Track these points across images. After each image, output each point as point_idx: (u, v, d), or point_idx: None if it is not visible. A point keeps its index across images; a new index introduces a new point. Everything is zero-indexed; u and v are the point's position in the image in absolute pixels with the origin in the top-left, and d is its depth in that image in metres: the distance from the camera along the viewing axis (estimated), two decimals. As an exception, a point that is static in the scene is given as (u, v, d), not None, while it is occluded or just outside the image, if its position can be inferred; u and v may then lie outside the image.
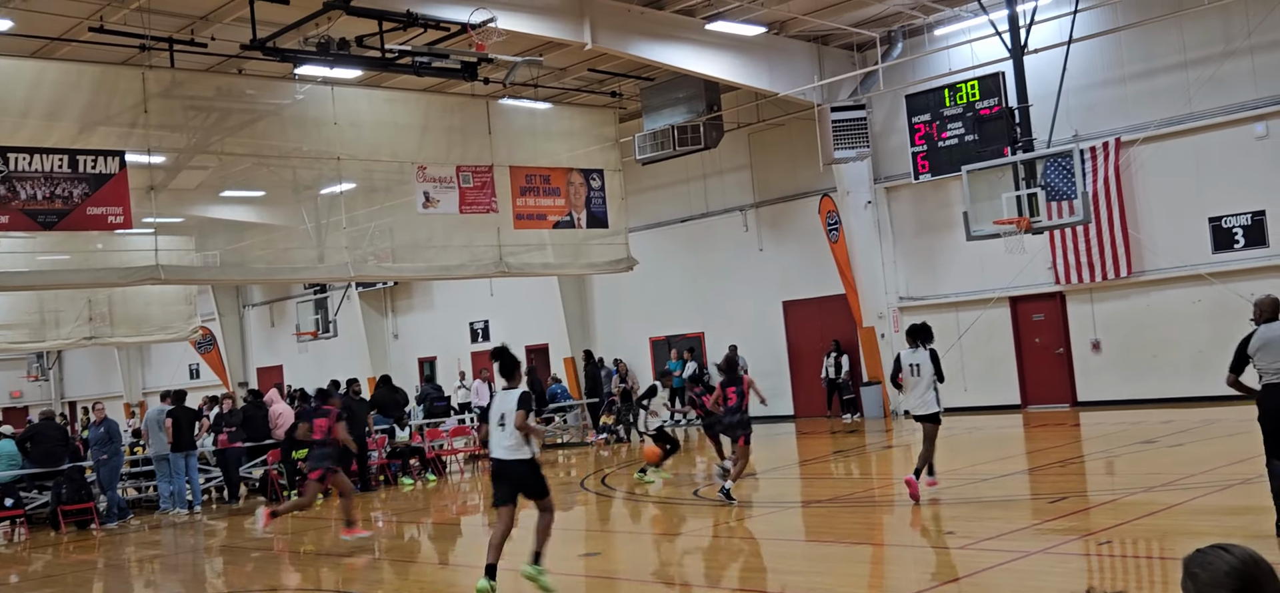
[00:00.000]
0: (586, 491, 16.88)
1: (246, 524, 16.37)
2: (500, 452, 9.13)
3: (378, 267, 20.71)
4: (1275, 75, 18.53)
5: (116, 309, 28.20)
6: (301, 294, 35.26)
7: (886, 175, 23.23)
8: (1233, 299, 18.90)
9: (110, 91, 16.90)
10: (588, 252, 22.74)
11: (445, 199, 20.19)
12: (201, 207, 19.72)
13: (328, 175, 19.24)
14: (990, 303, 21.57)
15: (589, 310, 29.26)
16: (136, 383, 42.41)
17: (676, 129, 22.81)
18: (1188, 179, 19.55)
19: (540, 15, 17.85)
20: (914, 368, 12.41)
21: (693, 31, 20.13)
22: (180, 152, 18.09)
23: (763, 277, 25.45)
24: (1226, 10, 18.53)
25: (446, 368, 32.07)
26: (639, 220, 25.98)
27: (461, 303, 31.50)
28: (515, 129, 21.71)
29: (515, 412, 8.94)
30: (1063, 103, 18.22)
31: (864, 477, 16.39)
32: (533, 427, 9.15)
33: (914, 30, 22.09)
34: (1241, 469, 12.26)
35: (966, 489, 13.67)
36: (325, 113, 19.01)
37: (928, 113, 21.57)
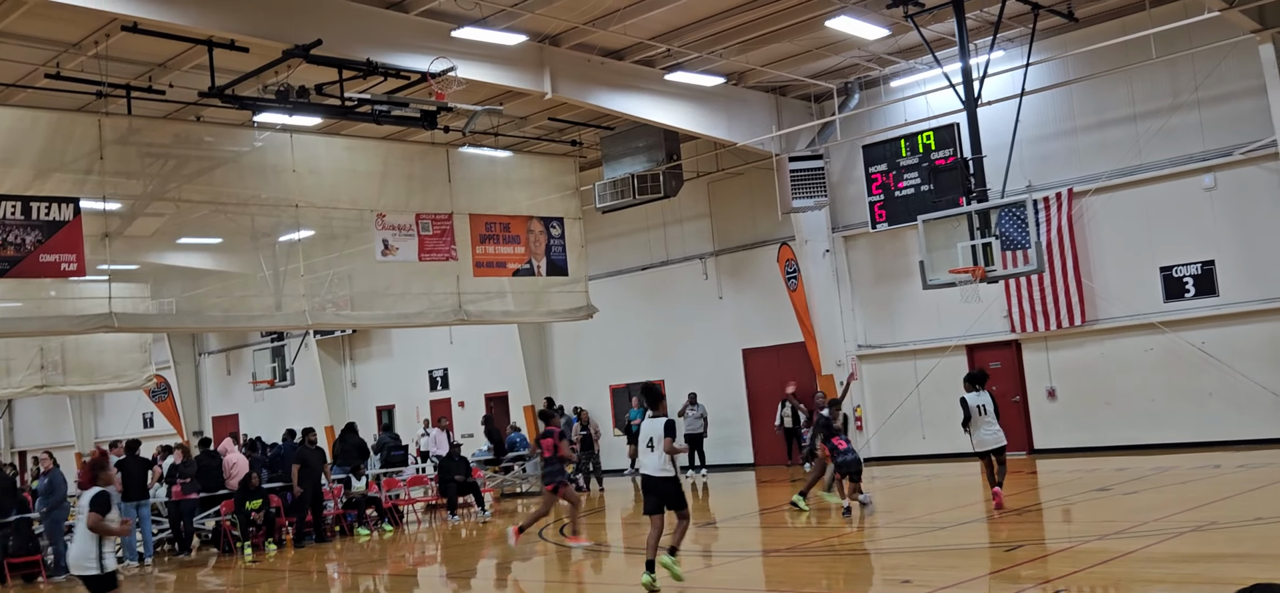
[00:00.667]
0: (545, 540, 16.76)
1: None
2: (649, 470, 10.78)
3: (336, 314, 20.58)
4: (1222, 128, 18.94)
5: (69, 357, 27.80)
6: (258, 342, 34.93)
7: (844, 224, 23.45)
8: (1185, 348, 19.21)
9: (66, 138, 16.74)
10: (548, 299, 22.73)
11: (404, 247, 20.14)
12: (157, 254, 19.54)
13: (286, 222, 19.14)
14: (947, 351, 21.75)
15: (549, 358, 29.20)
16: (89, 432, 41.71)
17: (636, 178, 22.92)
18: (1139, 229, 19.89)
19: (500, 65, 17.92)
20: (981, 409, 14.48)
21: (652, 81, 20.30)
22: (136, 198, 17.94)
23: (722, 324, 25.54)
24: (1174, 65, 18.95)
25: (405, 416, 31.85)
26: (599, 268, 26.02)
27: (420, 351, 31.34)
28: (475, 177, 21.73)
29: (663, 438, 10.56)
30: (1016, 154, 18.50)
31: (823, 525, 16.39)
32: (676, 449, 10.73)
33: (870, 82, 22.40)
34: (1194, 517, 12.41)
35: (924, 537, 13.72)
36: (284, 160, 18.94)
37: (884, 163, 21.82)
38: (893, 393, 22.69)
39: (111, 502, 8.91)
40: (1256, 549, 10.68)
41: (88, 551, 8.85)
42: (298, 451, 19.29)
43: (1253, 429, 18.56)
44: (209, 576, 16.63)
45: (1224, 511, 12.86)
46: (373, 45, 16.30)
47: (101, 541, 8.84)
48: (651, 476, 10.77)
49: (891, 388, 22.76)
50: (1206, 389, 19.10)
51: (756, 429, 25.35)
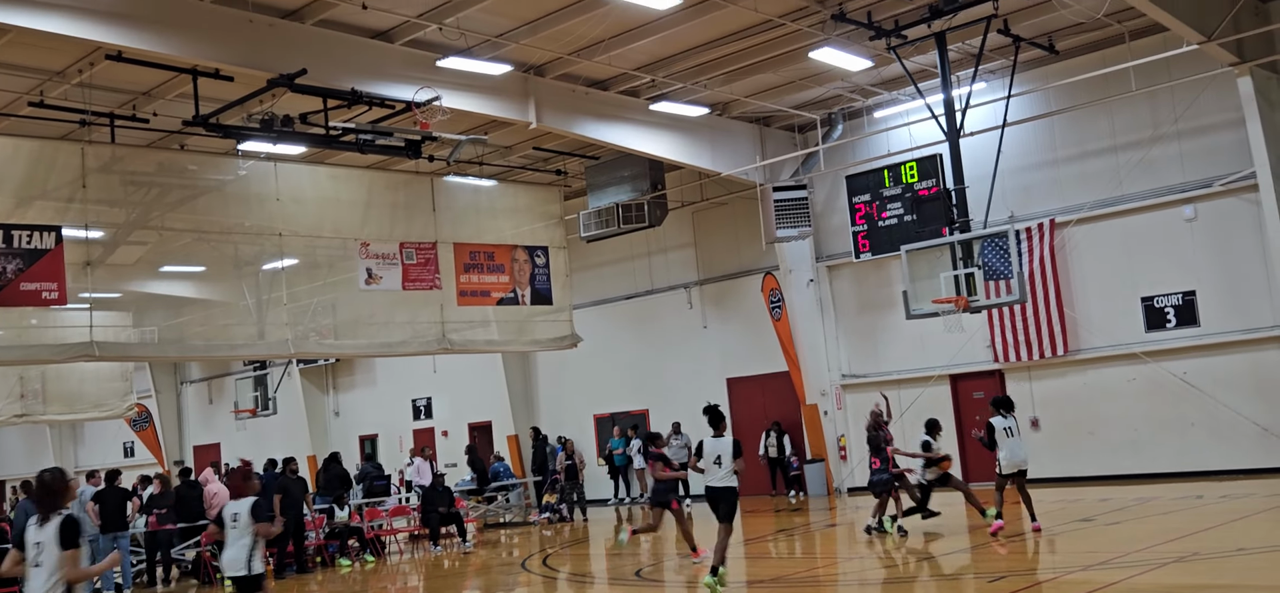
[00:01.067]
0: (529, 571, 16.69)
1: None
2: (716, 482, 12.29)
3: (319, 343, 20.50)
4: (1202, 160, 19.10)
5: (49, 386, 27.58)
6: (241, 371, 34.76)
7: (828, 254, 23.52)
8: (1166, 378, 19.29)
9: (49, 166, 16.68)
10: (532, 329, 22.71)
11: (388, 275, 20.10)
12: (140, 282, 19.45)
13: (269, 251, 19.09)
14: (931, 381, 21.79)
15: (533, 388, 29.13)
16: (69, 461, 41.34)
17: (621, 207, 22.95)
18: (1120, 260, 20.00)
19: (485, 94, 17.96)
20: (1007, 431, 14.82)
21: (637, 112, 20.37)
22: (119, 227, 17.86)
23: (707, 354, 25.54)
24: (1154, 97, 19.12)
25: (388, 446, 31.71)
26: (583, 297, 26.02)
27: (404, 380, 31.22)
28: (460, 206, 21.73)
29: (733, 458, 12.20)
30: (998, 184, 18.63)
31: (807, 556, 16.37)
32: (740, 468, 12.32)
33: (853, 113, 22.52)
34: (1177, 548, 12.43)
35: (909, 568, 13.71)
36: (268, 188, 18.91)
37: (868, 193, 21.92)
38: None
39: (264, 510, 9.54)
40: (1239, 581, 10.71)
41: (240, 556, 9.37)
42: (279, 480, 19.16)
43: (1235, 460, 18.63)
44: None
45: (1207, 541, 12.89)
46: (358, 75, 16.33)
47: (253, 545, 9.33)
48: (716, 486, 12.35)
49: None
50: (1188, 419, 19.18)
51: (741, 459, 25.27)
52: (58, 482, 7.08)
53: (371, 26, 16.31)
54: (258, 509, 9.40)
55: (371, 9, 15.41)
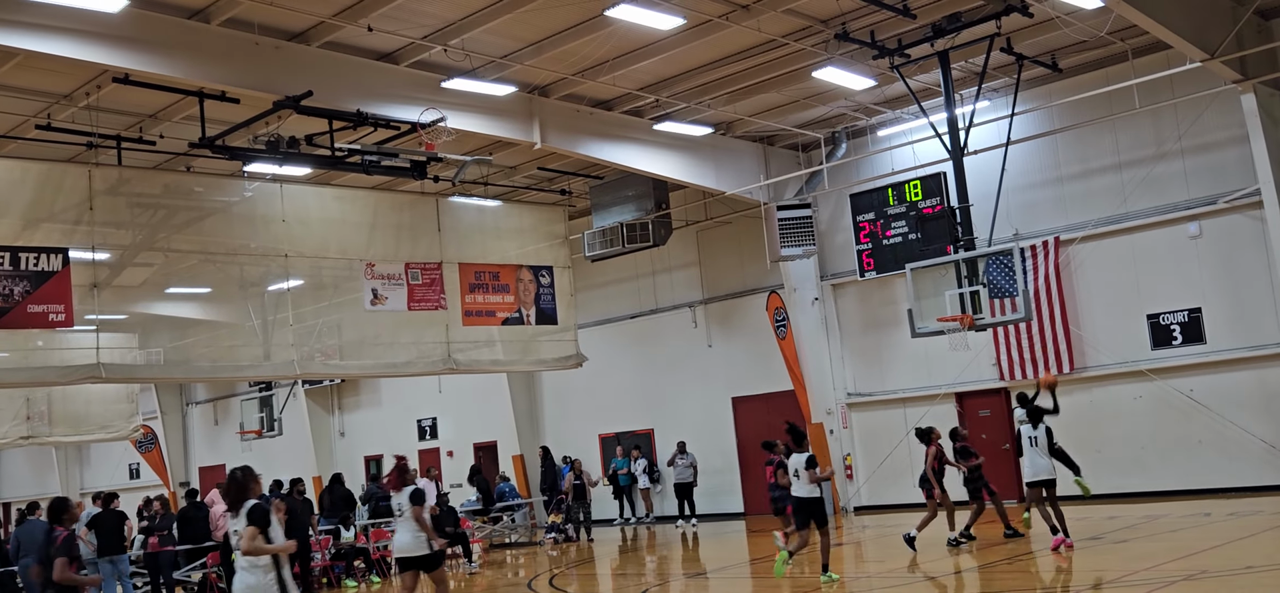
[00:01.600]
0: (534, 592, 16.66)
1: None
2: (800, 493, 13.60)
3: (324, 364, 20.52)
4: (1206, 177, 19.10)
5: (55, 408, 27.63)
6: (246, 392, 34.80)
7: (833, 273, 23.53)
8: (1173, 395, 19.26)
9: (56, 189, 16.75)
10: (537, 348, 22.71)
11: (393, 296, 20.13)
12: (146, 304, 19.49)
13: (275, 272, 19.13)
14: (937, 399, 21.76)
15: (538, 407, 29.13)
16: (75, 483, 41.36)
17: (625, 226, 22.99)
18: (1126, 277, 19.99)
19: (490, 115, 18.03)
20: (1032, 440, 14.88)
21: (641, 131, 20.42)
22: (125, 248, 17.92)
23: (712, 373, 25.53)
24: (1158, 114, 19.14)
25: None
26: (588, 317, 26.03)
27: (409, 400, 31.23)
28: (464, 226, 21.78)
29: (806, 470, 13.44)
30: (1003, 202, 18.65)
31: (814, 575, 16.32)
32: (819, 477, 13.49)
33: (857, 131, 22.56)
34: (1185, 565, 12.39)
35: (916, 587, 13.67)
36: (273, 210, 18.96)
37: (872, 211, 21.93)
38: (882, 441, 22.66)
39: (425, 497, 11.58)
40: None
41: (417, 539, 11.35)
42: (284, 500, 19.13)
43: (1243, 477, 18.57)
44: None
45: (1215, 559, 12.85)
46: (363, 96, 16.40)
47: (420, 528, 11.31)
48: (802, 497, 13.61)
49: (881, 437, 22.74)
50: (1196, 437, 19.13)
51: (746, 479, 25.27)
52: (247, 478, 8.44)
53: (377, 48, 16.39)
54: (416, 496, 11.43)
55: (377, 31, 15.48)
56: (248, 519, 8.18)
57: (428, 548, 11.28)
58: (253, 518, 8.18)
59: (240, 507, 8.30)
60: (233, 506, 8.37)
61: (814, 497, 13.54)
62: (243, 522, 8.20)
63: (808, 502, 13.57)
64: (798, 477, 13.58)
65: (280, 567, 8.26)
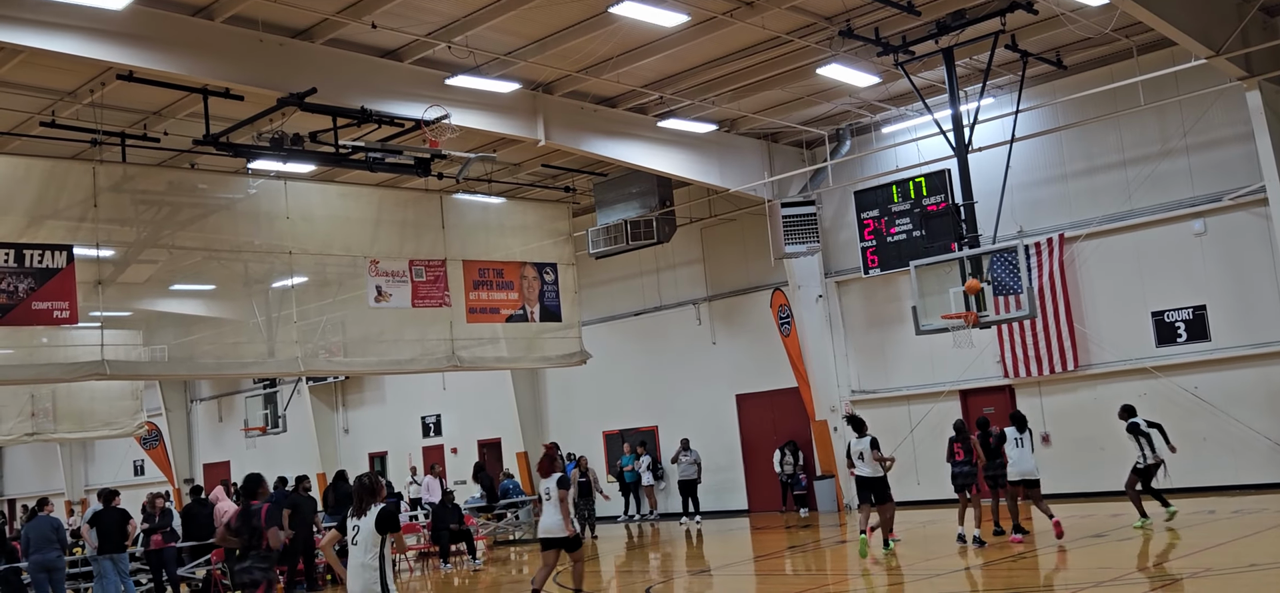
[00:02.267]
0: (538, 588, 16.65)
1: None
2: (864, 473, 15.29)
3: (328, 361, 20.53)
4: (1211, 174, 19.07)
5: (60, 404, 27.66)
6: (251, 389, 34.83)
7: (837, 270, 23.52)
8: (1178, 393, 19.23)
9: (60, 186, 16.76)
10: (541, 345, 22.71)
11: (397, 293, 20.14)
12: (150, 300, 19.50)
13: (279, 269, 19.15)
14: (941, 396, 21.75)
15: (542, 404, 29.14)
16: (79, 480, 41.47)
17: (629, 224, 22.98)
18: (1130, 274, 19.96)
19: (494, 112, 18.02)
20: (1017, 441, 15.76)
21: (645, 129, 20.41)
22: (130, 245, 17.93)
23: (716, 370, 25.52)
24: (1162, 112, 19.11)
25: (398, 463, 31.71)
26: (592, 314, 26.03)
27: (413, 397, 31.26)
28: (468, 223, 21.78)
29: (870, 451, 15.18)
30: (1007, 199, 18.62)
31: (818, 572, 16.33)
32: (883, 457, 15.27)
33: (861, 128, 22.54)
34: (1190, 563, 12.38)
35: (919, 584, 13.67)
36: (278, 207, 18.97)
37: (876, 209, 21.92)
38: (887, 439, 22.39)
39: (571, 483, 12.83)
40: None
41: (559, 520, 12.59)
42: (289, 497, 19.18)
43: (1247, 474, 18.55)
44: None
45: (1219, 557, 12.84)
46: (367, 93, 16.40)
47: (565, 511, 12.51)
48: (864, 477, 15.34)
49: (885, 434, 22.51)
50: (1200, 434, 19.09)
51: (750, 476, 25.28)
52: (374, 482, 8.87)
53: (381, 45, 16.39)
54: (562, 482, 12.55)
55: (381, 28, 15.48)
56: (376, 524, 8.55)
57: (570, 530, 12.51)
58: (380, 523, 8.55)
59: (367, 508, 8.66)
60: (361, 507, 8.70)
61: (877, 477, 15.28)
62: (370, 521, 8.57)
63: (871, 481, 15.35)
64: (862, 459, 15.33)
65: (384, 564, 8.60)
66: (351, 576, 8.60)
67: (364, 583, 8.49)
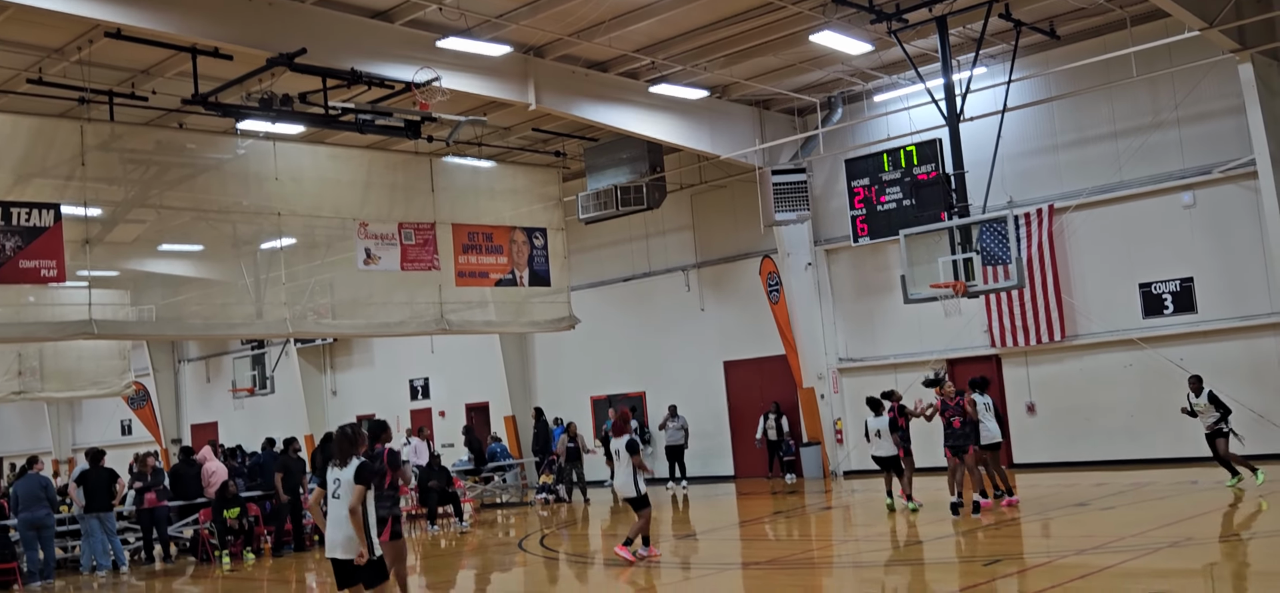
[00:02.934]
0: (526, 551, 16.75)
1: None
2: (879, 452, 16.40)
3: (317, 323, 20.52)
4: (1201, 146, 19.10)
5: (47, 363, 27.61)
6: (238, 350, 34.78)
7: (826, 238, 23.53)
8: (1163, 364, 19.34)
9: (47, 144, 16.66)
10: (530, 310, 22.72)
11: (386, 256, 20.11)
12: (138, 261, 19.45)
13: (268, 230, 19.09)
14: (928, 365, 21.82)
15: (530, 369, 29.17)
16: (66, 439, 41.43)
17: (619, 189, 22.94)
18: (1118, 246, 20.02)
19: (485, 75, 17.94)
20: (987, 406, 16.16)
21: (636, 94, 20.34)
22: (117, 205, 17.86)
23: (704, 337, 25.56)
24: (1154, 84, 19.11)
25: (386, 426, 31.68)
26: (581, 279, 26.03)
27: (401, 360, 31.25)
28: (458, 187, 21.72)
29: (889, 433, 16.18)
30: (998, 170, 18.64)
31: (803, 538, 16.43)
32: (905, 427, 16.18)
33: (853, 96, 22.50)
34: (1171, 533, 12.49)
35: (905, 551, 13.77)
36: (267, 168, 18.89)
37: (867, 177, 21.91)
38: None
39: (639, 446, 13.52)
40: (1232, 565, 10.77)
41: (629, 479, 13.29)
42: (280, 459, 19.21)
43: (1232, 446, 18.64)
44: (186, 585, 16.53)
45: (1201, 527, 12.96)
46: (357, 55, 16.30)
47: (636, 473, 13.23)
48: (882, 456, 16.40)
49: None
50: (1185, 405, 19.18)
51: (737, 442, 25.38)
52: (355, 434, 8.81)
53: (371, 6, 16.28)
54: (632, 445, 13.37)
55: (371, -12, 15.37)
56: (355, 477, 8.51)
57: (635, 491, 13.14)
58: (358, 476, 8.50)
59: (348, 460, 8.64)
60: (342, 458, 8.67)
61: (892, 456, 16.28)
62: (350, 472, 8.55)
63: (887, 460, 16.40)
64: (879, 437, 16.27)
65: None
66: (333, 526, 8.57)
67: (345, 534, 8.47)
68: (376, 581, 8.62)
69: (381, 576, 8.63)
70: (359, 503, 8.40)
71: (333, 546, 8.58)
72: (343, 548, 8.52)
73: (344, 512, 8.44)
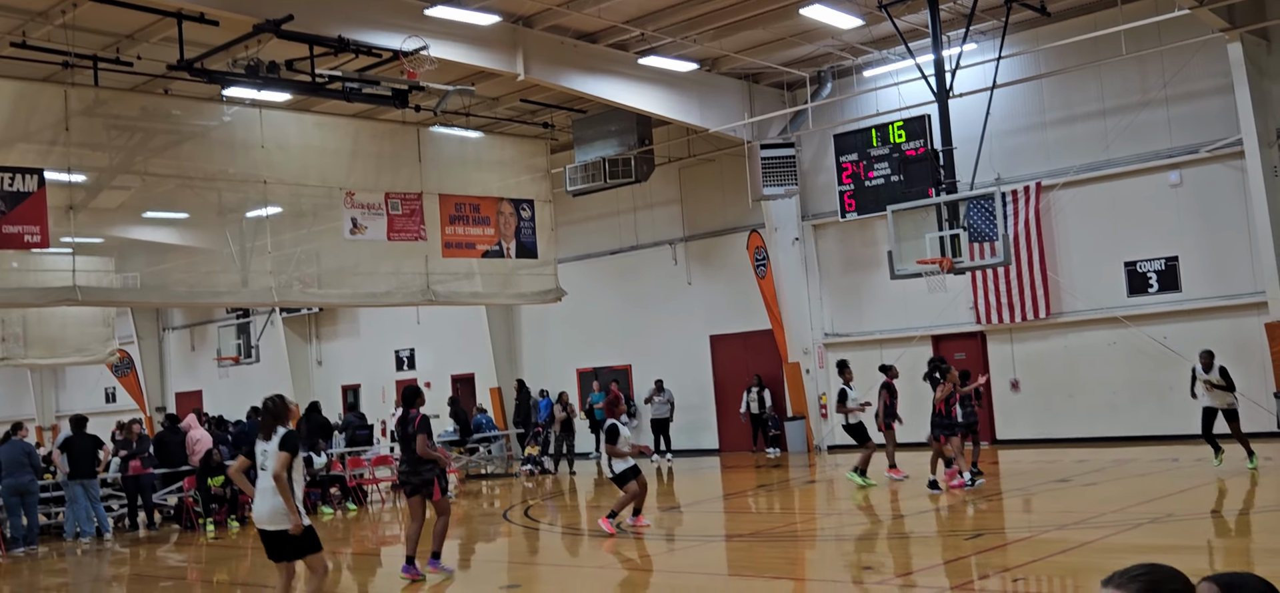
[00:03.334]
0: (510, 522, 16.78)
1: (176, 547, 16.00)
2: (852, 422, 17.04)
3: (303, 292, 20.43)
4: (1189, 125, 19.14)
5: (31, 330, 27.46)
6: (223, 318, 34.67)
7: (814, 213, 23.54)
8: (1147, 342, 19.44)
9: (31, 108, 16.52)
10: (516, 282, 22.68)
11: (373, 226, 20.03)
12: (122, 227, 19.31)
13: (254, 199, 18.98)
14: (913, 341, 21.90)
15: (516, 341, 29.16)
16: (50, 406, 41.29)
17: (608, 161, 22.89)
18: (1105, 224, 20.08)
19: (473, 45, 17.85)
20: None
21: (626, 66, 20.27)
22: (102, 171, 17.73)
23: (691, 311, 25.58)
24: (1143, 62, 19.12)
25: (371, 396, 31.72)
26: (568, 252, 25.99)
27: (387, 331, 31.20)
28: (446, 157, 21.63)
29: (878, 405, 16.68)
30: (986, 146, 18.62)
31: (786, 512, 16.50)
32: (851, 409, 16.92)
33: (843, 71, 22.47)
34: (1151, 509, 12.58)
35: (888, 525, 13.84)
36: (253, 136, 18.77)
37: (855, 152, 21.91)
38: (858, 382, 22.71)
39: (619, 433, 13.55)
40: (1210, 542, 10.86)
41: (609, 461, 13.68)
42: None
43: (1214, 427, 18.75)
44: (170, 552, 16.54)
45: (1181, 503, 13.05)
46: (344, 22, 16.19)
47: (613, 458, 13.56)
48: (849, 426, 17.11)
49: (857, 377, 22.81)
50: (1167, 383, 19.31)
51: (722, 416, 25.44)
52: (279, 406, 8.67)
53: (359, -27, 16.16)
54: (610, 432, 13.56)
55: (359, -45, 15.25)
56: (280, 446, 8.45)
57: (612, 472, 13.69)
58: (283, 444, 8.45)
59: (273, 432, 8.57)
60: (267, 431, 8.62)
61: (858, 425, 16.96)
62: (274, 444, 8.48)
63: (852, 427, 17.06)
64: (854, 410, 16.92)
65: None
66: (259, 498, 8.50)
67: (271, 507, 8.40)
68: (307, 551, 8.52)
69: (313, 546, 8.54)
70: (283, 470, 8.30)
71: (260, 518, 8.53)
72: (269, 520, 8.46)
73: (270, 483, 8.38)
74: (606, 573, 12.11)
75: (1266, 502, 13.57)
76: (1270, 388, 18.45)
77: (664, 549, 13.10)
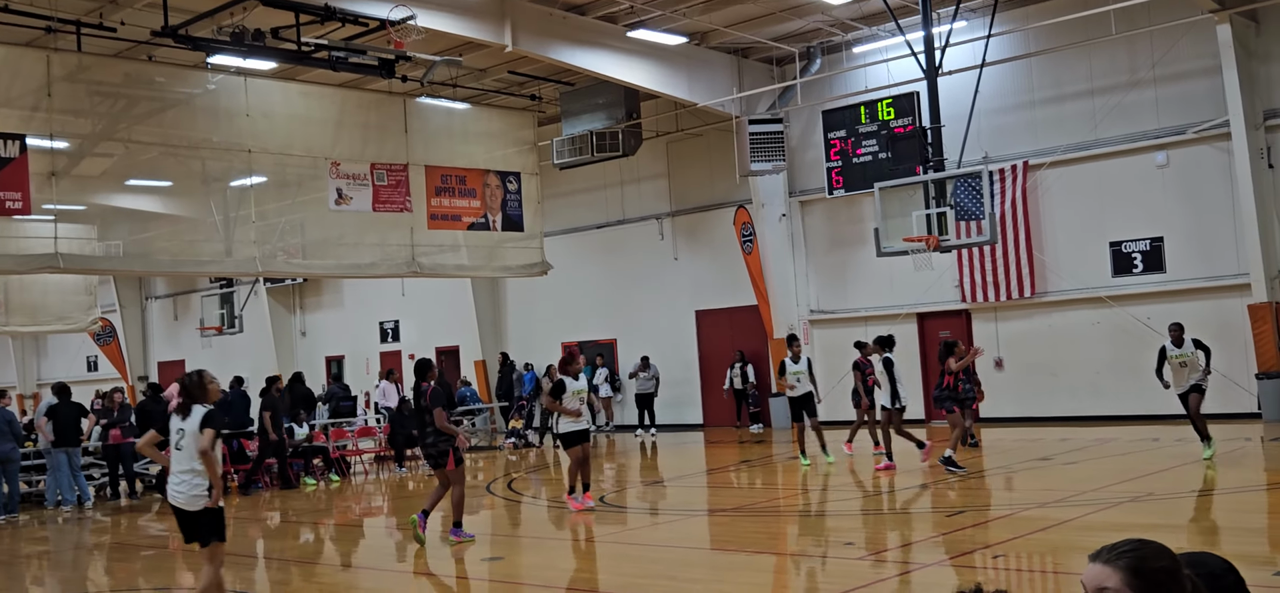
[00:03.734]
0: (493, 495, 16.78)
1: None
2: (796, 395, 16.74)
3: (287, 263, 20.35)
4: (1176, 106, 19.16)
5: (12, 297, 27.29)
6: (207, 288, 34.51)
7: (801, 189, 23.51)
8: (1130, 322, 19.50)
9: (12, 73, 16.36)
10: (502, 254, 22.61)
11: (358, 196, 19.93)
12: (105, 195, 19.17)
13: (238, 168, 18.86)
14: (898, 318, 21.93)
15: (502, 314, 29.12)
16: (32, 374, 41.11)
17: (595, 135, 22.81)
18: (1091, 204, 20.11)
19: (461, 15, 17.73)
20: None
21: (614, 38, 20.17)
22: (84, 137, 17.58)
23: (677, 285, 25.57)
24: (1132, 42, 19.12)
25: (355, 367, 31.67)
26: (555, 225, 25.93)
27: (372, 302, 31.11)
28: (432, 128, 21.51)
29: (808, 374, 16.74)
30: (974, 125, 18.63)
31: (768, 487, 16.54)
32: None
33: (832, 47, 22.40)
34: (1132, 488, 12.64)
35: (868, 501, 13.88)
36: (237, 104, 18.64)
37: (843, 129, 21.88)
38: (843, 359, 22.75)
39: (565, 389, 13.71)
40: (1189, 521, 10.92)
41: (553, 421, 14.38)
42: (267, 398, 19.12)
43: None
44: (152, 521, 16.49)
45: (1161, 483, 13.12)
46: (330, -10, 16.05)
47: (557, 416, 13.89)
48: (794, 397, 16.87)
49: (842, 354, 22.83)
50: (1151, 364, 19.31)
51: (707, 391, 25.47)
52: (196, 384, 8.44)
53: (345, -59, 16.01)
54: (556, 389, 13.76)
55: (345, -78, 15.11)
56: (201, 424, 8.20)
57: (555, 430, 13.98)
58: (203, 423, 8.20)
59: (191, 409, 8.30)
60: (185, 408, 8.35)
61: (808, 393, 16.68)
62: (194, 422, 8.21)
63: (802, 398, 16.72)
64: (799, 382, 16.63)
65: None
66: (176, 481, 8.22)
67: (189, 488, 8.14)
68: (213, 536, 8.30)
69: (221, 533, 8.32)
70: (209, 446, 8.10)
71: (175, 495, 8.23)
72: (187, 501, 8.17)
73: (186, 463, 8.13)
74: (588, 546, 12.12)
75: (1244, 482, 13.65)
76: (1252, 370, 18.55)
77: (647, 523, 13.11)
